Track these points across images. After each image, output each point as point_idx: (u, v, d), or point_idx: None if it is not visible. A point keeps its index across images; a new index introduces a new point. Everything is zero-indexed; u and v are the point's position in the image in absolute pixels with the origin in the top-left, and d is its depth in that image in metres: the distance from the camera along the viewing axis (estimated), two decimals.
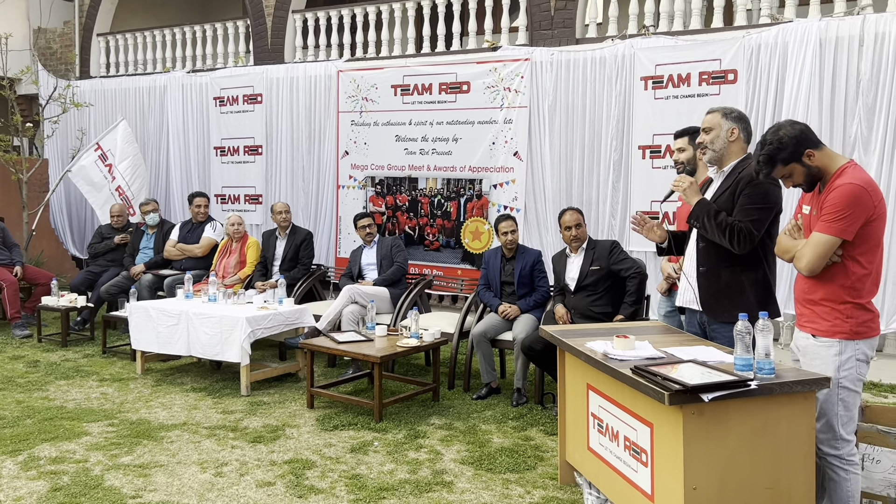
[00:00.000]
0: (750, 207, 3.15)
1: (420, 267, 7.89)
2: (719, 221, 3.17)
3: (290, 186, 8.58)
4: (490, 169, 7.49)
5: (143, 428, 4.54)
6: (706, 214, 3.22)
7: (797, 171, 2.82)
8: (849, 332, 2.74)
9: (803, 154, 2.77)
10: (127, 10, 11.13)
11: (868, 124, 5.80)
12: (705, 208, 3.23)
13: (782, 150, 2.78)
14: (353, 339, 4.99)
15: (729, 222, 3.15)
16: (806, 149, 2.77)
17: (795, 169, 2.81)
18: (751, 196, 3.17)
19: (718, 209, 3.22)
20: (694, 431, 2.62)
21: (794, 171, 2.82)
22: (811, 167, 2.79)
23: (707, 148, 3.36)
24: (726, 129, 3.31)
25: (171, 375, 5.78)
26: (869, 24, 5.83)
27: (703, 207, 3.25)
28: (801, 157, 2.78)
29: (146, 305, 5.70)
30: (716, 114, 3.35)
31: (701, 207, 3.25)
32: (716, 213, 3.20)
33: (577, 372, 3.55)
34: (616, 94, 6.80)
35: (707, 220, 3.21)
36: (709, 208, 3.22)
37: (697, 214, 3.25)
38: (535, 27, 7.66)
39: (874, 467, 3.33)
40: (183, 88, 9.27)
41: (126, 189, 8.55)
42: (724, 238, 3.16)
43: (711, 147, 3.34)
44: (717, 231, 3.17)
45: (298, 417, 4.76)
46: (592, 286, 4.92)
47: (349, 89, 8.15)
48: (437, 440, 4.34)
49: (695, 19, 6.97)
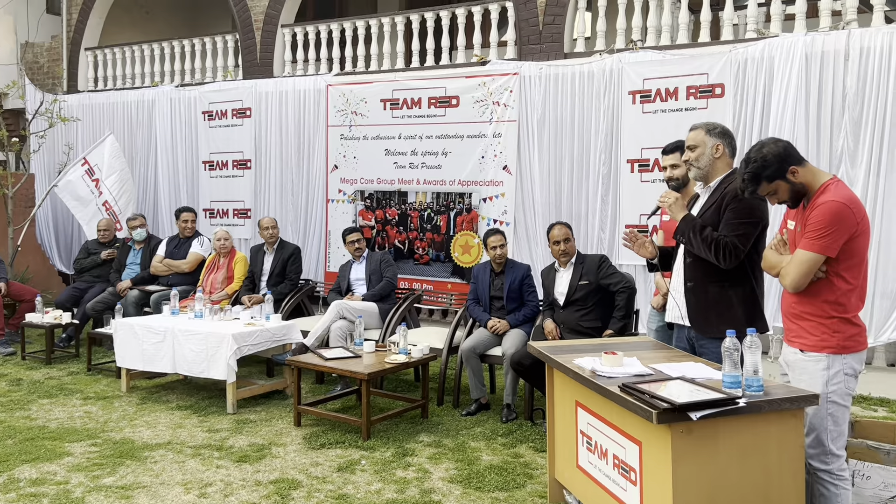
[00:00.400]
0: (735, 222, 3.14)
1: (410, 281, 7.85)
2: (705, 237, 3.16)
3: (279, 201, 8.54)
4: (479, 183, 7.48)
5: (127, 448, 4.47)
6: (691, 230, 3.20)
7: (782, 188, 2.82)
8: (836, 347, 2.73)
9: (787, 171, 2.78)
10: (115, 25, 11.10)
11: (854, 138, 5.82)
12: (690, 224, 3.22)
13: (766, 167, 2.79)
14: (341, 355, 4.94)
15: (714, 237, 3.14)
16: (790, 166, 2.78)
17: (780, 186, 2.81)
18: (736, 211, 3.16)
19: (704, 224, 3.20)
20: (683, 450, 2.59)
21: (778, 188, 2.82)
22: (795, 184, 2.79)
23: (692, 165, 3.35)
24: (711, 145, 3.30)
25: (156, 393, 5.71)
26: (854, 39, 5.86)
27: (688, 223, 3.24)
28: (785, 175, 2.78)
29: (131, 322, 5.64)
30: (699, 130, 3.34)
31: (686, 223, 3.24)
32: (701, 228, 3.19)
33: (566, 389, 3.52)
34: (604, 109, 6.81)
35: (692, 235, 3.19)
36: (694, 224, 3.21)
37: (683, 230, 3.24)
38: (524, 42, 7.68)
39: (864, 483, 3.31)
40: (171, 102, 9.22)
41: (113, 204, 8.49)
42: (709, 253, 3.15)
43: (697, 164, 3.33)
44: (703, 246, 3.16)
45: (285, 436, 4.70)
46: (581, 301, 4.90)
47: (338, 103, 8.13)
48: (425, 458, 4.29)
49: (682, 34, 7.00)
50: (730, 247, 3.10)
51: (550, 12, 7.52)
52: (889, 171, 5.78)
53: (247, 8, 9.26)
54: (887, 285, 5.78)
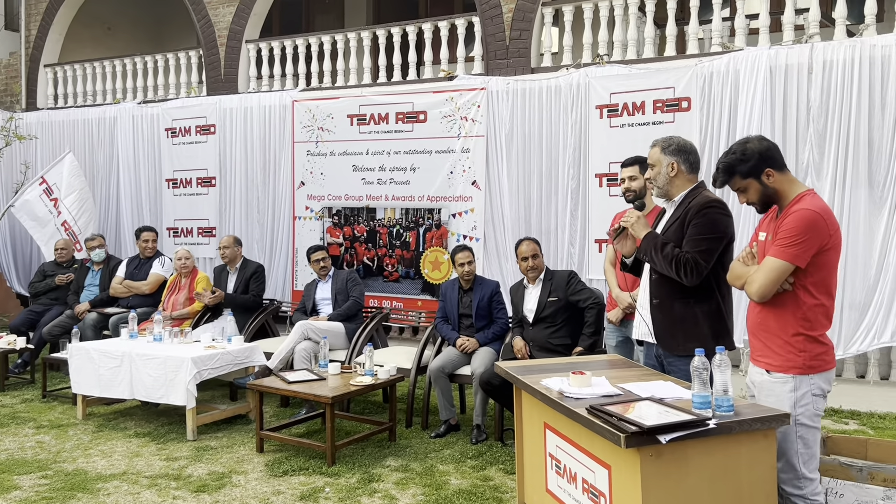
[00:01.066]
0: (698, 238, 3.08)
1: (379, 299, 7.72)
2: (665, 254, 3.09)
3: (245, 218, 8.37)
4: (448, 198, 7.40)
5: (79, 479, 4.27)
6: (653, 247, 3.14)
7: (753, 188, 2.75)
8: (803, 367, 2.66)
9: (763, 172, 2.70)
10: (75, 41, 10.88)
11: (819, 150, 5.85)
12: (652, 241, 3.16)
13: (744, 161, 2.71)
14: (305, 378, 4.79)
15: (675, 254, 3.07)
16: (767, 167, 2.70)
17: (752, 185, 2.74)
18: (699, 226, 3.09)
19: (665, 241, 3.14)
20: (652, 474, 2.49)
21: (749, 187, 2.75)
22: (768, 187, 2.72)
23: (651, 184, 3.30)
24: (666, 164, 3.24)
25: (114, 420, 5.49)
26: (817, 53, 5.90)
27: (650, 241, 3.17)
28: (759, 174, 2.71)
29: (87, 347, 5.43)
30: (656, 148, 3.29)
31: (648, 241, 3.18)
32: (662, 245, 3.12)
33: (534, 410, 3.41)
34: (572, 123, 6.78)
35: (654, 252, 3.13)
36: (655, 241, 3.15)
37: (645, 248, 3.17)
38: (491, 56, 7.64)
39: (838, 501, 3.25)
40: (133, 119, 9.03)
41: (72, 224, 8.25)
42: (671, 270, 3.08)
43: (655, 183, 3.28)
44: (665, 263, 3.09)
45: (247, 463, 4.52)
46: (551, 318, 4.81)
47: (304, 119, 8.01)
48: (392, 483, 4.15)
49: (648, 48, 7.01)
50: (691, 263, 3.03)
51: (517, 27, 7.50)
52: (854, 183, 5.81)
53: (210, 24, 9.12)
54: (855, 297, 5.79)
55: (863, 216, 5.79)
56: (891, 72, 5.68)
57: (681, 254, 3.07)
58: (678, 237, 3.15)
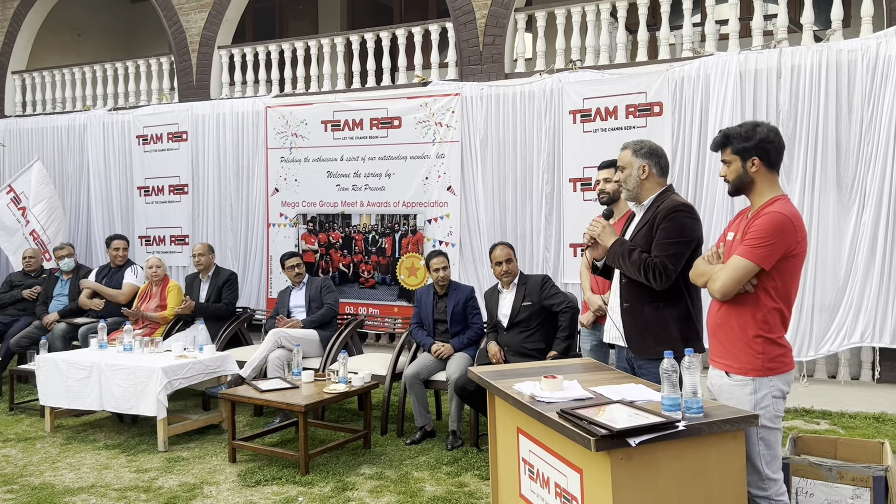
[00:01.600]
0: (666, 242, 3.09)
1: (355, 305, 7.68)
2: (633, 260, 3.10)
3: (218, 226, 8.29)
4: (424, 204, 7.39)
5: (46, 493, 4.17)
6: (620, 254, 3.15)
7: (734, 167, 2.76)
8: (762, 369, 2.67)
9: (750, 158, 2.71)
10: (44, 48, 10.72)
11: (789, 154, 5.91)
12: (619, 248, 3.17)
13: (742, 138, 2.72)
14: (278, 386, 4.74)
15: (643, 259, 3.08)
16: (757, 156, 2.70)
17: (735, 163, 2.75)
18: (667, 230, 3.11)
19: (633, 247, 3.14)
20: (623, 477, 2.48)
21: (732, 163, 2.76)
22: (747, 174, 2.73)
23: (622, 187, 3.31)
24: (637, 166, 3.25)
25: (83, 432, 5.39)
26: (785, 57, 5.99)
27: (617, 248, 3.18)
28: (746, 159, 2.72)
29: (55, 358, 5.32)
30: (627, 150, 3.30)
31: (615, 248, 3.18)
32: (629, 251, 3.13)
33: (507, 415, 3.40)
34: (546, 128, 6.81)
35: (622, 259, 3.13)
36: (623, 248, 3.15)
37: (613, 255, 3.18)
38: (465, 62, 7.65)
39: (807, 501, 3.27)
40: (104, 127, 8.92)
41: (41, 233, 8.11)
42: (640, 275, 3.08)
43: (625, 186, 3.29)
44: (633, 269, 3.10)
45: (219, 473, 4.46)
46: (525, 322, 4.81)
47: (278, 125, 7.96)
48: (366, 492, 4.12)
49: (620, 53, 7.06)
50: (659, 268, 3.04)
51: (490, 33, 7.52)
52: (823, 186, 5.89)
53: (182, 30, 9.04)
54: (825, 299, 5.87)
55: (832, 219, 5.88)
56: (857, 76, 5.78)
57: (649, 259, 3.08)
58: (647, 241, 3.16)
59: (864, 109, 5.76)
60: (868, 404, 5.55)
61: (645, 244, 3.17)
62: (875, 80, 5.72)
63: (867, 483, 3.17)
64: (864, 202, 5.78)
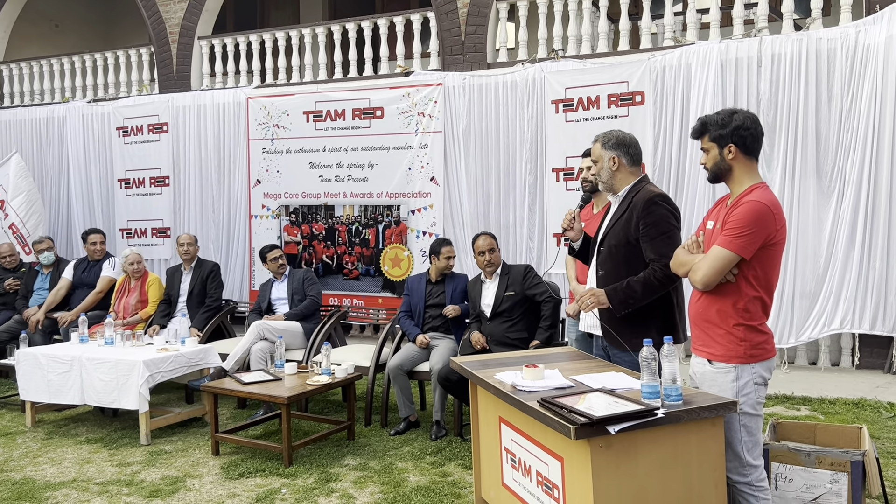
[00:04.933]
0: (658, 241, 3.06)
1: (340, 297, 7.66)
2: (636, 290, 3.06)
3: (200, 218, 8.23)
4: (407, 195, 7.37)
5: (27, 489, 4.14)
6: (624, 296, 3.08)
7: (712, 154, 2.76)
8: (744, 356, 2.68)
9: (727, 145, 2.71)
10: (21, 39, 10.57)
11: (770, 142, 5.95)
12: (619, 294, 3.10)
13: (719, 126, 2.72)
14: (261, 378, 4.71)
15: (645, 280, 3.04)
16: (734, 143, 2.70)
17: (712, 150, 2.75)
18: (653, 227, 3.07)
19: (628, 284, 3.08)
20: (602, 465, 2.50)
21: (710, 151, 2.77)
22: (724, 161, 2.72)
23: (597, 179, 3.31)
24: (607, 158, 3.25)
25: (65, 426, 5.35)
26: (766, 46, 6.01)
27: (616, 296, 3.10)
28: (723, 146, 2.72)
29: (35, 352, 5.27)
30: (597, 144, 3.29)
31: (616, 298, 3.10)
32: (626, 287, 3.08)
33: (489, 404, 3.41)
34: (528, 118, 6.80)
35: (631, 301, 3.07)
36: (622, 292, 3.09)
37: (620, 303, 3.10)
38: (447, 52, 7.62)
39: (787, 486, 3.31)
40: (84, 119, 8.81)
41: (20, 226, 8.01)
42: (652, 295, 3.06)
43: (600, 178, 3.29)
44: (647, 295, 3.06)
45: (201, 466, 4.44)
46: (508, 312, 4.82)
47: (259, 116, 7.90)
48: (349, 483, 4.11)
49: (602, 42, 7.06)
50: (661, 277, 3.03)
51: (472, 22, 7.49)
52: (803, 174, 5.94)
53: (161, 20, 8.93)
54: (805, 286, 5.92)
55: (811, 206, 5.92)
56: (836, 65, 5.82)
57: (649, 275, 3.05)
58: (625, 232, 3.15)
59: (843, 98, 5.80)
60: (848, 390, 5.62)
61: (623, 235, 3.16)
62: (854, 69, 5.76)
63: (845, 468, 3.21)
64: (843, 190, 5.83)
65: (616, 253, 3.20)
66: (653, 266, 3.06)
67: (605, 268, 3.22)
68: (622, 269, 3.16)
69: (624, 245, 3.17)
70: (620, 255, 3.18)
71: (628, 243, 3.15)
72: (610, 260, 3.23)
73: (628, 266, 3.14)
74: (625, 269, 3.15)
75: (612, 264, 3.21)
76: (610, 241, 3.23)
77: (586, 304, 3.15)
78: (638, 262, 3.13)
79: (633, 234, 3.14)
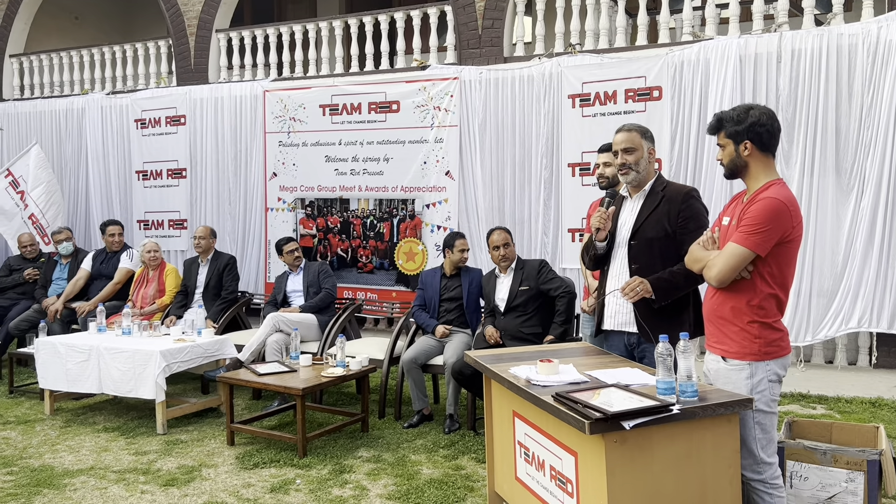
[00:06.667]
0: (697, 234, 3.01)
1: (354, 290, 7.69)
2: (677, 282, 3.07)
3: (216, 210, 8.29)
4: (422, 189, 7.38)
5: (45, 475, 4.20)
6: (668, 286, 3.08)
7: (728, 150, 2.74)
8: (758, 353, 2.67)
9: (743, 142, 2.69)
10: (42, 31, 10.67)
11: (788, 139, 5.90)
12: (663, 284, 3.09)
13: (735, 122, 2.70)
14: (276, 370, 4.75)
15: (686, 272, 3.01)
16: (749, 140, 2.68)
17: (728, 147, 2.74)
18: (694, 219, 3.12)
19: (671, 274, 3.08)
20: (617, 460, 2.50)
21: (726, 147, 2.75)
22: (740, 157, 2.70)
23: (632, 170, 3.26)
24: (647, 149, 3.25)
25: (82, 415, 5.41)
26: (786, 41, 5.95)
27: (660, 285, 3.09)
28: (739, 142, 2.70)
29: (54, 341, 5.34)
30: (634, 133, 3.26)
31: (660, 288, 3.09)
32: (669, 277, 3.08)
33: (503, 398, 3.41)
34: (545, 113, 6.78)
35: (672, 288, 3.08)
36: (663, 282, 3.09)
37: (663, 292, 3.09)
38: (464, 46, 7.61)
39: (802, 485, 3.29)
40: (102, 111, 8.89)
41: (40, 217, 8.10)
42: (692, 286, 3.11)
43: (636, 168, 3.24)
44: (685, 287, 3.09)
45: (217, 456, 4.48)
46: (522, 306, 4.82)
47: (276, 109, 7.94)
48: (363, 474, 4.14)
49: (619, 37, 7.02)
50: None
51: (489, 16, 7.47)
52: (822, 171, 5.88)
53: (180, 13, 8.98)
54: (823, 284, 5.87)
55: (830, 204, 5.87)
56: (857, 61, 5.75)
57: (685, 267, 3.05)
58: (662, 226, 3.16)
59: (864, 94, 5.74)
60: (865, 389, 5.57)
61: (661, 228, 3.16)
62: (875, 65, 5.69)
63: (861, 467, 3.18)
64: (863, 187, 5.77)
65: (653, 246, 3.19)
66: None
67: (640, 261, 3.21)
68: (658, 262, 3.15)
69: (662, 238, 3.17)
70: (657, 249, 3.18)
71: (666, 236, 3.15)
72: (646, 253, 3.21)
73: (663, 259, 3.15)
74: (660, 263, 3.14)
75: (648, 258, 3.19)
76: (646, 234, 3.21)
77: (635, 292, 3.10)
78: (672, 255, 3.13)
79: (672, 226, 3.15)
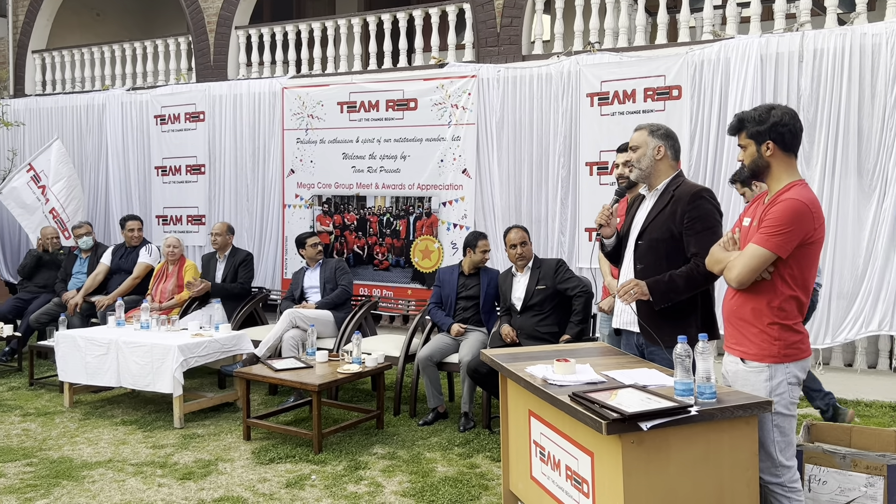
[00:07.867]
0: (703, 235, 3.02)
1: (369, 287, 7.70)
2: (676, 284, 3.03)
3: (234, 206, 8.34)
4: (439, 186, 7.37)
5: (65, 467, 4.25)
6: (666, 289, 3.05)
7: (750, 151, 2.71)
8: (778, 355, 2.64)
9: (765, 142, 2.67)
10: (64, 27, 10.78)
11: (809, 139, 5.84)
12: (661, 286, 3.06)
13: (756, 122, 2.67)
14: (292, 366, 4.78)
15: (687, 274, 3.01)
16: (772, 140, 2.65)
17: (750, 147, 2.71)
18: (698, 220, 3.05)
19: (671, 277, 3.05)
20: (633, 461, 2.49)
21: (748, 148, 2.72)
22: (762, 158, 2.68)
23: (634, 167, 3.26)
24: (652, 146, 3.21)
25: (101, 408, 5.47)
26: (808, 41, 5.89)
27: (658, 288, 3.06)
28: (761, 143, 2.67)
29: (73, 334, 5.40)
30: (642, 131, 3.24)
31: (657, 290, 3.06)
32: (668, 280, 3.04)
33: (519, 397, 3.41)
34: (563, 111, 6.75)
35: (670, 291, 3.04)
36: (661, 284, 3.05)
37: (661, 295, 3.06)
38: (482, 44, 7.60)
39: (821, 488, 3.26)
40: (122, 106, 8.97)
41: (60, 211, 8.19)
42: (694, 290, 3.04)
43: (638, 165, 3.23)
44: (685, 290, 3.04)
45: (233, 450, 4.51)
46: (539, 306, 4.81)
47: (294, 106, 7.96)
48: (378, 471, 4.15)
49: (639, 36, 6.98)
50: (701, 269, 2.98)
51: (508, 14, 7.45)
52: (844, 172, 5.81)
53: (200, 10, 9.04)
54: (843, 286, 5.81)
55: (852, 205, 5.80)
56: (881, 61, 5.67)
57: (692, 269, 3.01)
58: (668, 226, 3.12)
59: (887, 95, 5.66)
60: (884, 393, 5.50)
61: (667, 229, 3.13)
62: None
63: (881, 471, 3.15)
64: (885, 189, 5.69)
65: (658, 247, 3.16)
66: (695, 261, 3.03)
67: (645, 262, 3.19)
68: (663, 263, 3.12)
69: (667, 239, 3.13)
70: (662, 250, 3.14)
71: (672, 237, 3.12)
72: (651, 254, 3.19)
73: (669, 260, 3.11)
74: (665, 264, 3.11)
75: (653, 258, 3.17)
76: (651, 235, 3.19)
77: (629, 294, 3.09)
78: (678, 257, 3.10)
79: (677, 227, 3.11)
